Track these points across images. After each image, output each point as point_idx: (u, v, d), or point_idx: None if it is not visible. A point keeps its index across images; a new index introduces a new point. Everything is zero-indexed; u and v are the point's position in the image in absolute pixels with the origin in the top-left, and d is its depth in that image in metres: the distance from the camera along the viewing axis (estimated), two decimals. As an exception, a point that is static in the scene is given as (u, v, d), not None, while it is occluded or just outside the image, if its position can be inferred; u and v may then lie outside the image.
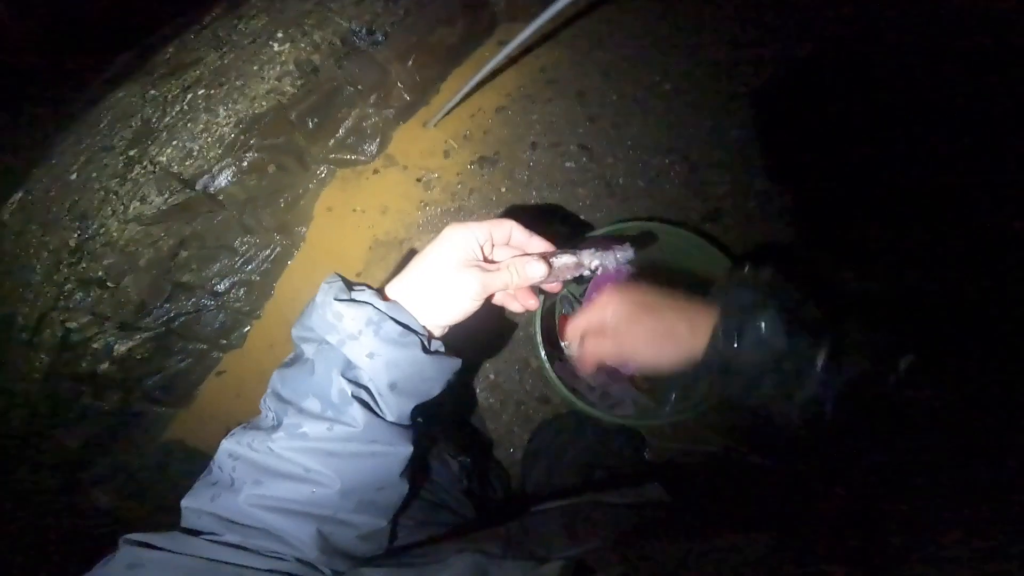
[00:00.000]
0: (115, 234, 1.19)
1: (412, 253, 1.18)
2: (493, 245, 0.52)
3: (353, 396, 0.45)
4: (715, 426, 1.11)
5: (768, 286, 0.51)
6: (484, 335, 1.16)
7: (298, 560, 0.46)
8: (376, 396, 0.46)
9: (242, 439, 0.46)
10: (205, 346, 1.19)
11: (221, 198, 1.17)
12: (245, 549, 0.44)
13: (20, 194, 1.25)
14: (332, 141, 1.21)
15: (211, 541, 0.44)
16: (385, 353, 0.45)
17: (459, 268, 0.48)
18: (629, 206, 1.23)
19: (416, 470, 0.56)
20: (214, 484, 0.47)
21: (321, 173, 1.19)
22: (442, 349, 0.50)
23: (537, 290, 0.56)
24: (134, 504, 1.30)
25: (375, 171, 1.20)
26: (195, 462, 1.26)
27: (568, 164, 1.24)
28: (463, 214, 1.18)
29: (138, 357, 1.20)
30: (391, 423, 0.48)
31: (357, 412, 0.45)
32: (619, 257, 0.56)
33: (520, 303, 0.54)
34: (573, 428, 1.07)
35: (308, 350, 0.48)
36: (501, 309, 0.56)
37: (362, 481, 0.47)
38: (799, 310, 0.50)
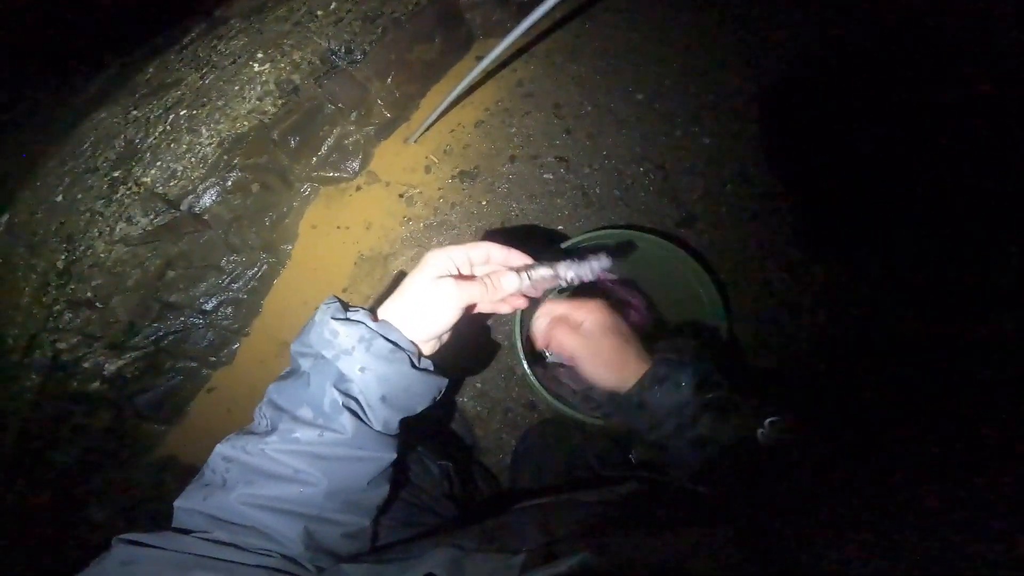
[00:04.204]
0: (102, 255, 1.20)
1: (397, 268, 1.22)
2: (472, 265, 0.57)
3: (344, 406, 0.49)
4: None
5: (693, 354, 0.67)
6: (469, 345, 1.19)
7: (284, 557, 0.49)
8: (365, 407, 0.51)
9: (236, 443, 0.50)
10: (195, 364, 1.21)
11: (206, 218, 1.19)
12: (233, 546, 0.47)
13: (7, 217, 1.26)
14: (315, 159, 1.23)
15: (201, 539, 0.46)
16: (376, 367, 0.50)
17: (437, 283, 0.53)
18: (606, 215, 1.27)
19: (398, 474, 0.60)
20: (206, 486, 0.50)
21: (305, 191, 1.22)
22: (431, 367, 0.55)
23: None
24: (129, 518, 1.32)
25: (358, 188, 1.22)
26: (188, 477, 1.28)
27: (546, 175, 1.28)
28: (445, 228, 1.22)
29: (128, 376, 1.22)
30: (378, 432, 0.52)
31: (347, 421, 0.49)
32: (595, 267, 0.61)
33: (509, 305, 0.60)
34: (559, 432, 1.10)
35: (305, 364, 0.52)
36: (485, 323, 0.60)
37: (347, 483, 0.51)
38: (709, 376, 0.65)
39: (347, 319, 0.51)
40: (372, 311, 0.54)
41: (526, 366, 0.97)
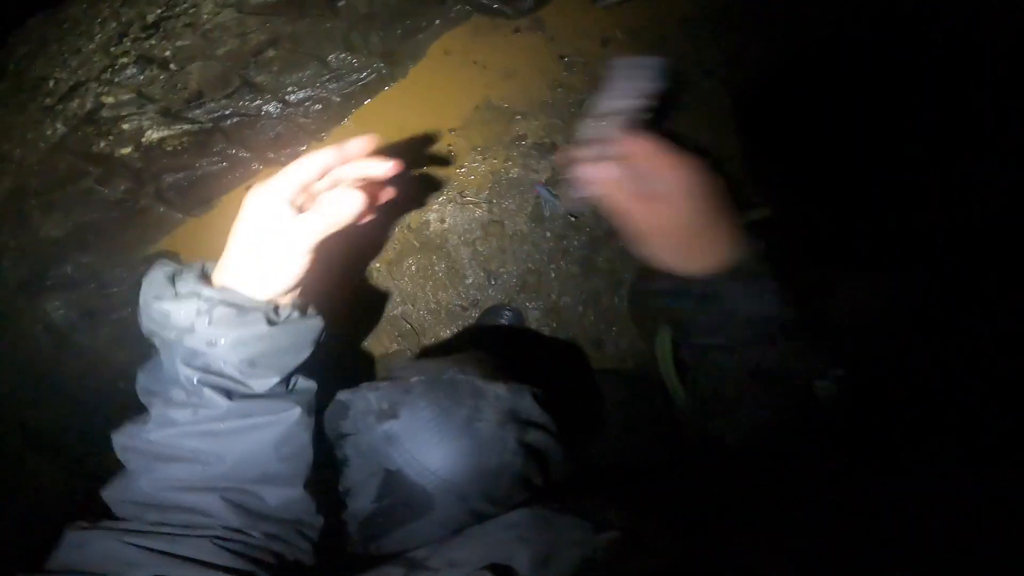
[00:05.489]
0: (205, 16, 1.03)
1: (522, 131, 0.96)
2: (309, 186, 0.50)
3: (202, 383, 0.46)
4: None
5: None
6: (561, 250, 0.90)
7: (227, 528, 0.46)
8: (237, 376, 0.47)
9: (127, 431, 0.48)
10: (248, 154, 0.99)
11: (340, 4, 0.99)
12: (168, 525, 0.45)
13: (111, -33, 1.12)
14: (483, -16, 1.01)
15: (135, 531, 0.44)
16: (227, 336, 0.45)
17: (267, 232, 0.47)
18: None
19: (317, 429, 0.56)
20: (124, 476, 0.49)
21: (453, 12, 0.99)
22: (294, 315, 0.49)
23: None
24: (86, 328, 1.06)
25: (516, 30, 0.98)
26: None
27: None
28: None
29: (169, 148, 1.01)
30: (263, 395, 0.48)
31: (214, 396, 0.46)
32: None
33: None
34: (620, 395, 0.90)
35: (156, 342, 0.48)
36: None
37: (255, 452, 0.47)
38: (805, 291, 0.50)
39: (175, 296, 0.46)
40: (204, 271, 0.49)
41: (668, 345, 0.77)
